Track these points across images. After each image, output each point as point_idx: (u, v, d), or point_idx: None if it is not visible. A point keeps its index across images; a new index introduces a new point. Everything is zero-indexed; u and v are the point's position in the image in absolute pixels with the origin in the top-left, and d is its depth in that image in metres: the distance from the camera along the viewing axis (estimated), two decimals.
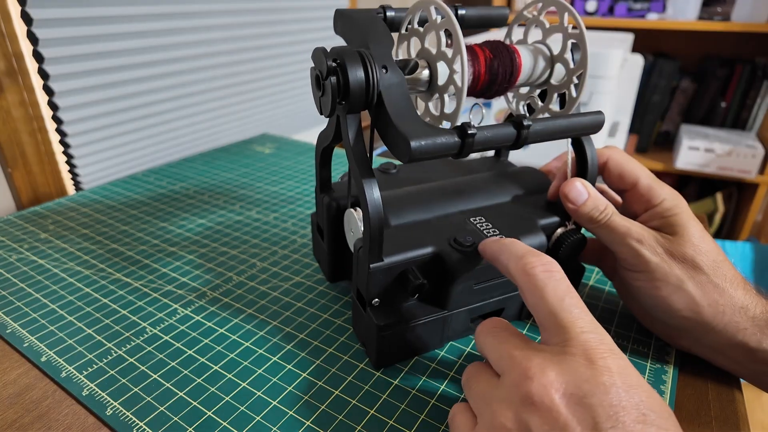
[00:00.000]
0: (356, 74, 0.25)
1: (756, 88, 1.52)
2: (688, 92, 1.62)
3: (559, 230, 0.33)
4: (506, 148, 0.29)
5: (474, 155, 0.39)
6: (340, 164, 0.65)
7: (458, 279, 0.30)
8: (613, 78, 0.95)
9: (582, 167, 0.34)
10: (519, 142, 0.29)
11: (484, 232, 0.32)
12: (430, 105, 0.29)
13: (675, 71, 1.56)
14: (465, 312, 0.32)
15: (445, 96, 0.28)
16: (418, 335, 0.31)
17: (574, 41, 0.31)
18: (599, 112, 0.31)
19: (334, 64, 0.25)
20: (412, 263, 0.29)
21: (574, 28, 0.31)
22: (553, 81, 0.32)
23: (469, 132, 0.26)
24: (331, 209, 0.34)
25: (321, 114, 0.28)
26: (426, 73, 0.28)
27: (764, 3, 1.32)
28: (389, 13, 0.30)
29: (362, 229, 0.29)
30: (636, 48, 1.65)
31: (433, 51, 0.27)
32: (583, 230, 0.34)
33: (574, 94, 0.32)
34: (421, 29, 0.29)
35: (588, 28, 1.55)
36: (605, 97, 0.96)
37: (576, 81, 0.31)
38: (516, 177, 0.38)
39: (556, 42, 0.32)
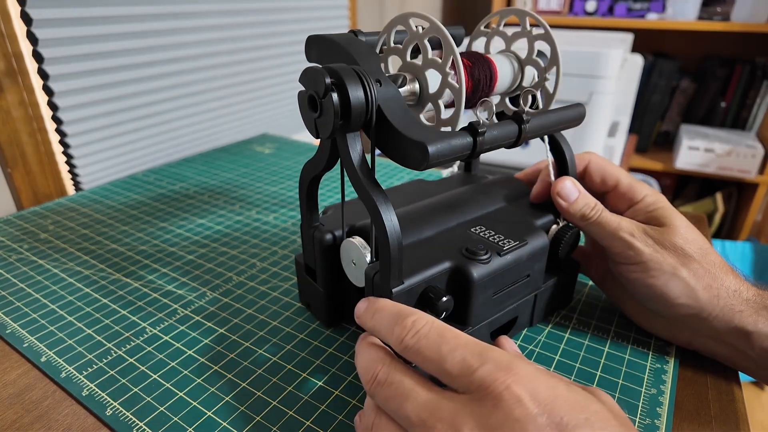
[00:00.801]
0: (355, 90, 0.24)
1: (756, 88, 1.52)
2: (688, 92, 1.62)
3: (553, 227, 0.34)
4: (507, 146, 0.29)
5: (445, 172, 0.40)
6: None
7: (479, 290, 0.29)
8: (613, 78, 0.95)
9: (562, 167, 0.35)
10: (520, 139, 0.29)
11: (490, 239, 0.31)
12: (422, 117, 0.29)
13: (675, 71, 1.56)
14: (486, 326, 0.31)
15: (440, 102, 0.27)
16: None
17: (541, 42, 0.32)
18: (580, 105, 0.33)
19: (330, 82, 0.24)
20: (432, 281, 0.28)
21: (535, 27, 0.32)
22: (524, 84, 0.33)
23: (480, 130, 0.26)
24: (324, 243, 0.32)
25: (317, 137, 0.27)
26: (415, 85, 0.28)
27: (764, 3, 1.32)
28: (360, 38, 0.29)
29: (368, 256, 0.28)
30: (636, 48, 1.65)
31: (419, 62, 0.27)
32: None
33: (551, 90, 0.33)
34: (399, 46, 0.28)
35: (587, 28, 1.56)
36: (605, 97, 0.96)
37: (549, 78, 0.33)
38: (496, 186, 0.38)
39: (520, 50, 0.33)
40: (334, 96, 0.24)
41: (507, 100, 0.35)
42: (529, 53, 0.33)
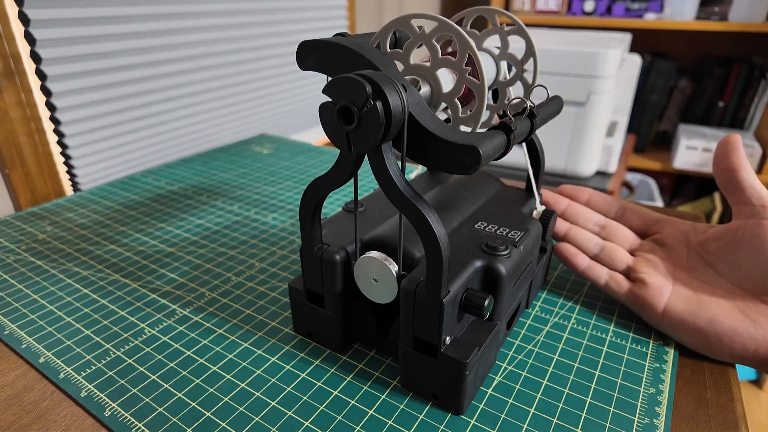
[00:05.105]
0: (394, 98, 0.23)
1: (753, 88, 1.52)
2: (686, 92, 1.62)
3: (534, 213, 0.36)
4: (520, 141, 0.30)
5: (412, 175, 0.40)
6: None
7: (506, 284, 0.29)
8: (611, 78, 0.95)
9: (535, 164, 0.37)
10: (532, 131, 0.30)
11: (498, 233, 0.32)
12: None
13: (673, 71, 1.56)
14: (505, 318, 0.31)
15: (457, 101, 0.27)
16: (486, 359, 0.29)
17: (514, 36, 0.33)
18: (558, 97, 0.35)
19: (371, 92, 0.22)
20: (469, 284, 0.28)
21: (509, 25, 0.33)
22: (501, 79, 0.34)
23: (512, 128, 0.26)
24: (336, 263, 0.30)
25: (350, 152, 0.25)
26: (426, 89, 0.27)
27: (761, 3, 1.32)
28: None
29: (394, 269, 0.28)
30: (634, 48, 1.65)
31: (426, 64, 0.27)
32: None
33: (530, 81, 0.34)
34: (400, 50, 0.27)
35: (585, 28, 1.56)
36: (603, 97, 0.96)
37: (527, 69, 0.33)
38: (468, 181, 0.39)
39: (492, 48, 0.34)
40: (379, 106, 0.22)
41: (490, 93, 0.36)
42: (503, 47, 0.33)
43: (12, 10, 0.55)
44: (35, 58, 0.56)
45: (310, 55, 0.27)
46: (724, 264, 0.33)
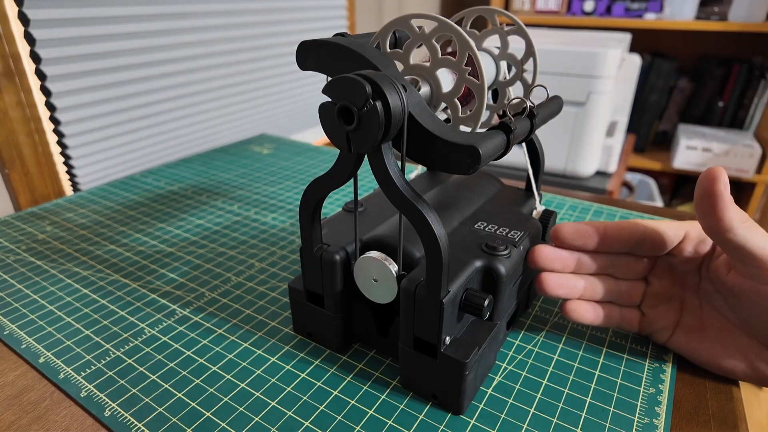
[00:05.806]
0: (394, 98, 0.23)
1: (753, 88, 1.52)
2: (686, 92, 1.62)
3: (534, 213, 0.36)
4: (520, 141, 0.30)
5: (412, 175, 0.40)
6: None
7: (506, 284, 0.29)
8: (611, 78, 0.95)
9: (535, 164, 0.37)
10: (532, 131, 0.30)
11: (498, 233, 0.32)
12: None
13: (672, 71, 1.56)
14: (505, 318, 0.31)
15: (457, 101, 0.27)
16: (486, 359, 0.29)
17: (513, 36, 0.33)
18: (558, 97, 0.35)
19: (371, 92, 0.22)
20: (469, 284, 0.28)
21: (509, 25, 0.33)
22: (500, 79, 0.34)
23: (512, 128, 0.26)
24: (336, 264, 0.30)
25: (350, 151, 0.25)
26: (426, 89, 0.27)
27: (761, 3, 1.32)
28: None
29: (394, 269, 0.28)
30: (634, 48, 1.65)
31: (426, 64, 0.27)
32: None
33: (529, 81, 0.34)
34: (400, 50, 0.27)
35: (585, 28, 1.56)
36: (603, 97, 0.96)
37: (527, 69, 0.33)
38: (468, 181, 0.39)
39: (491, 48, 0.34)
40: (379, 106, 0.22)
41: (490, 93, 0.36)
42: (503, 47, 0.33)
43: (12, 10, 0.55)
44: (35, 58, 0.56)
45: (310, 55, 0.27)
46: (731, 300, 0.30)
